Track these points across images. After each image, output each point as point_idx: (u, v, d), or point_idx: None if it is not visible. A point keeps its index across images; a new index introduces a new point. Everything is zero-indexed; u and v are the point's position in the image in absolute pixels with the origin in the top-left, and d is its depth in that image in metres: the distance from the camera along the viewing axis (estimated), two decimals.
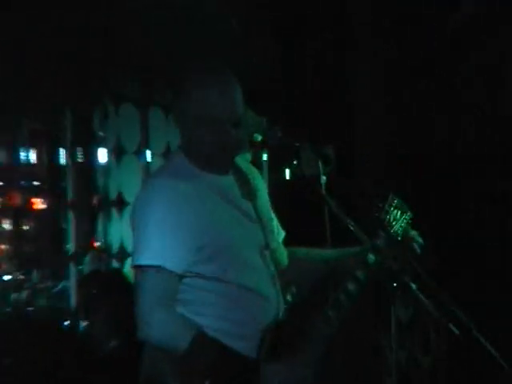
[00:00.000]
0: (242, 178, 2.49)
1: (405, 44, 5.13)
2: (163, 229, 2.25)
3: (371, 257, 2.42)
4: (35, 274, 5.55)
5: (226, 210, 2.37)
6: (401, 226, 2.49)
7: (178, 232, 2.25)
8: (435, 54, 5.10)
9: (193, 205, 2.28)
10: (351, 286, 2.38)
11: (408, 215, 2.53)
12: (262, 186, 2.59)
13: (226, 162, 2.41)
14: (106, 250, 5.97)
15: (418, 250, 2.49)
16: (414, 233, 2.53)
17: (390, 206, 2.48)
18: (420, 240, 2.51)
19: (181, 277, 2.26)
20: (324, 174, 2.47)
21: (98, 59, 5.42)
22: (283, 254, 2.61)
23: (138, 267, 2.25)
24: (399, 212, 2.50)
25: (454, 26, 5.06)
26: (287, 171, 2.93)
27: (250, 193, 2.48)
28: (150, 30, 5.28)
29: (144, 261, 2.23)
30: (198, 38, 5.13)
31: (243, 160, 2.58)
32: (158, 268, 2.21)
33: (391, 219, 2.46)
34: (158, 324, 2.21)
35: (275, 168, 4.24)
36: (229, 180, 2.44)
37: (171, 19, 5.14)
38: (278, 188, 3.56)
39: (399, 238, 2.47)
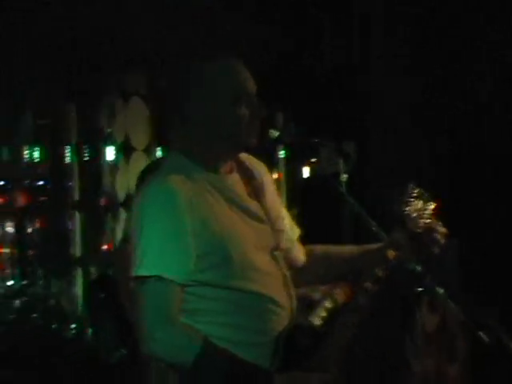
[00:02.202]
0: (247, 175, 2.30)
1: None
2: (161, 236, 2.08)
3: (391, 252, 2.23)
4: (40, 279, 5.46)
5: (231, 211, 2.18)
6: (423, 218, 2.28)
7: (177, 239, 2.07)
8: None
9: (194, 208, 2.09)
10: (371, 286, 2.21)
11: (431, 205, 2.31)
12: (270, 182, 2.41)
13: (236, 152, 2.25)
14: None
15: (442, 241, 2.25)
16: (437, 223, 2.30)
17: (410, 196, 2.27)
18: (443, 229, 2.27)
19: (184, 286, 2.08)
20: (345, 172, 2.34)
21: (105, 53, 5.38)
22: (299, 253, 2.43)
23: (137, 279, 2.08)
24: (421, 202, 2.28)
25: None
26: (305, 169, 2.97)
27: (256, 191, 2.28)
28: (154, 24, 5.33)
29: (142, 271, 2.06)
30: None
31: (248, 156, 2.37)
32: (157, 278, 2.04)
33: (412, 211, 2.25)
34: (161, 338, 2.04)
35: (293, 165, 4.10)
36: (233, 179, 2.24)
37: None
38: (295, 186, 3.43)
39: (419, 231, 2.26)
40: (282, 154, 3.97)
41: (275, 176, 3.73)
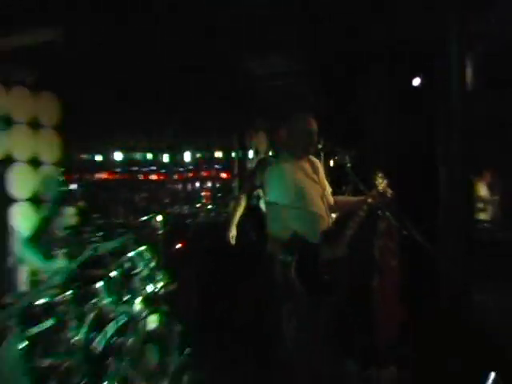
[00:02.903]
0: (312, 163, 4.96)
1: None
2: (277, 185, 4.75)
3: (370, 199, 4.70)
4: None
5: (305, 177, 4.83)
6: (383, 185, 4.73)
7: (283, 187, 4.74)
8: None
9: (291, 175, 4.77)
10: (362, 212, 4.67)
11: (385, 180, 4.74)
12: (320, 168, 5.05)
13: (307, 154, 4.96)
14: None
15: (389, 194, 4.71)
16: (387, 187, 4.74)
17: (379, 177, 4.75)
18: (390, 190, 4.73)
19: (286, 207, 4.65)
20: (349, 163, 4.91)
21: None
22: (330, 198, 5.01)
23: (267, 204, 4.84)
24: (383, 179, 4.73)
25: None
26: (331, 162, 6.03)
27: (315, 171, 4.94)
28: None
29: (269, 199, 4.80)
30: None
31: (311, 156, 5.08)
32: (275, 203, 4.73)
33: (379, 182, 4.71)
34: (274, 225, 4.76)
35: (327, 160, 6.20)
36: (307, 164, 4.91)
37: None
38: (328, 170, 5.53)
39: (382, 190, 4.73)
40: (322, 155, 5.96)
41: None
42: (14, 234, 4.01)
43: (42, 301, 5.61)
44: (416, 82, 6.67)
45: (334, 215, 5.00)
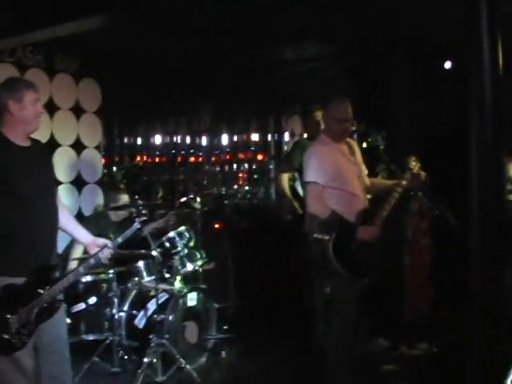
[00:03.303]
0: (349, 146, 5.05)
1: None
2: (315, 167, 4.81)
3: (404, 181, 4.81)
4: None
5: (344, 158, 4.91)
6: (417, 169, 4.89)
7: (321, 167, 4.78)
8: None
9: (329, 156, 4.83)
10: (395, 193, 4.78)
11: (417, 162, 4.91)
12: (357, 149, 5.14)
13: (344, 136, 5.00)
14: None
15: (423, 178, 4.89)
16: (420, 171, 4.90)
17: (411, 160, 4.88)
18: (423, 173, 4.89)
19: (324, 187, 4.75)
20: (382, 145, 5.21)
21: None
22: (367, 179, 5.12)
23: (306, 183, 4.87)
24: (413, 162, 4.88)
25: None
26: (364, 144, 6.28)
27: (352, 152, 5.04)
28: None
29: (308, 179, 4.83)
30: None
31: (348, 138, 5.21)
32: (314, 182, 4.76)
33: (413, 165, 4.86)
34: (312, 204, 4.76)
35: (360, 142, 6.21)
36: (344, 146, 5.00)
37: None
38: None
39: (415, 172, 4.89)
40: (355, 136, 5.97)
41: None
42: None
43: (87, 278, 5.87)
44: (447, 65, 6.73)
45: (368, 196, 5.09)
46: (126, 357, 5.80)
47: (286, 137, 10.19)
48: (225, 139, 10.07)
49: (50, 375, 3.93)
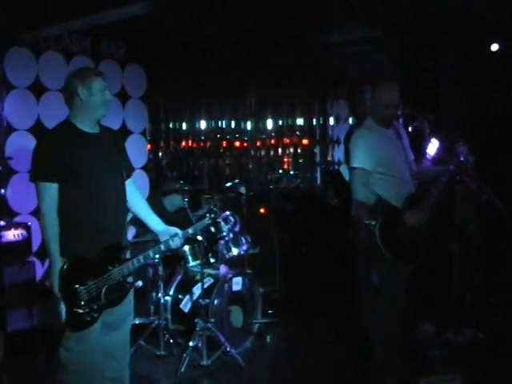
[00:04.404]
0: (396, 131, 4.98)
1: None
2: (361, 152, 4.78)
3: (451, 168, 4.75)
4: None
5: (390, 144, 4.88)
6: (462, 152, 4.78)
7: (368, 153, 4.75)
8: None
9: (375, 141, 4.80)
10: (444, 178, 4.72)
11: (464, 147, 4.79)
12: (404, 132, 5.10)
13: (391, 121, 4.95)
14: None
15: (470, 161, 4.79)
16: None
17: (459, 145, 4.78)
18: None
19: (371, 173, 4.72)
20: (428, 129, 5.28)
21: None
22: (413, 164, 5.06)
23: (351, 168, 4.81)
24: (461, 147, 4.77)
25: None
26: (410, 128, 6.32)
27: (399, 136, 4.98)
28: None
29: (354, 165, 4.78)
30: None
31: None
32: (361, 168, 4.73)
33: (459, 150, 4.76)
34: (359, 190, 4.74)
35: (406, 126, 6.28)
36: (390, 131, 4.94)
37: None
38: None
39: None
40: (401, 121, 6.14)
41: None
42: None
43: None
44: (494, 47, 6.60)
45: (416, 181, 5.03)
46: (171, 341, 5.86)
47: (331, 121, 10.11)
48: (270, 124, 10.05)
49: (108, 351, 4.06)
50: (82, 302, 3.76)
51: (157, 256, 5.14)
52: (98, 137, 4.02)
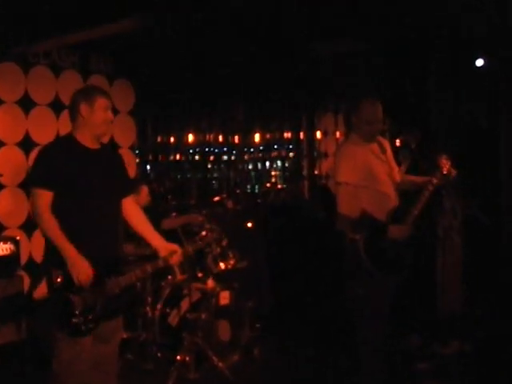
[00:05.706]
0: (380, 145, 4.94)
1: None
2: (345, 165, 4.72)
3: (434, 179, 4.66)
4: None
5: (374, 158, 4.84)
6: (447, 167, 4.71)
7: (351, 166, 4.69)
8: None
9: (360, 156, 4.76)
10: (429, 188, 4.65)
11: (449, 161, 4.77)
12: (388, 147, 5.04)
13: (374, 137, 4.90)
14: None
15: (453, 174, 4.74)
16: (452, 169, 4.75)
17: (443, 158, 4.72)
18: (454, 171, 4.73)
19: (356, 187, 4.67)
20: (414, 143, 5.09)
21: None
22: (398, 176, 5.00)
23: (336, 183, 4.76)
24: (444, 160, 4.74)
25: None
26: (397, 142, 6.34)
27: (383, 150, 4.93)
28: None
29: (337, 180, 4.76)
30: None
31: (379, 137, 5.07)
32: (345, 182, 4.67)
33: (443, 163, 4.68)
34: (343, 203, 4.66)
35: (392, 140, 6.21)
36: (375, 145, 4.90)
37: None
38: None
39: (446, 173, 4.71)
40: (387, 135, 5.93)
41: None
42: None
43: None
44: (479, 62, 6.67)
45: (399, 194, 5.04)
46: (159, 354, 5.87)
47: (318, 135, 10.19)
48: (257, 137, 10.09)
49: (96, 364, 4.10)
50: (77, 311, 3.79)
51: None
52: (98, 153, 4.12)
